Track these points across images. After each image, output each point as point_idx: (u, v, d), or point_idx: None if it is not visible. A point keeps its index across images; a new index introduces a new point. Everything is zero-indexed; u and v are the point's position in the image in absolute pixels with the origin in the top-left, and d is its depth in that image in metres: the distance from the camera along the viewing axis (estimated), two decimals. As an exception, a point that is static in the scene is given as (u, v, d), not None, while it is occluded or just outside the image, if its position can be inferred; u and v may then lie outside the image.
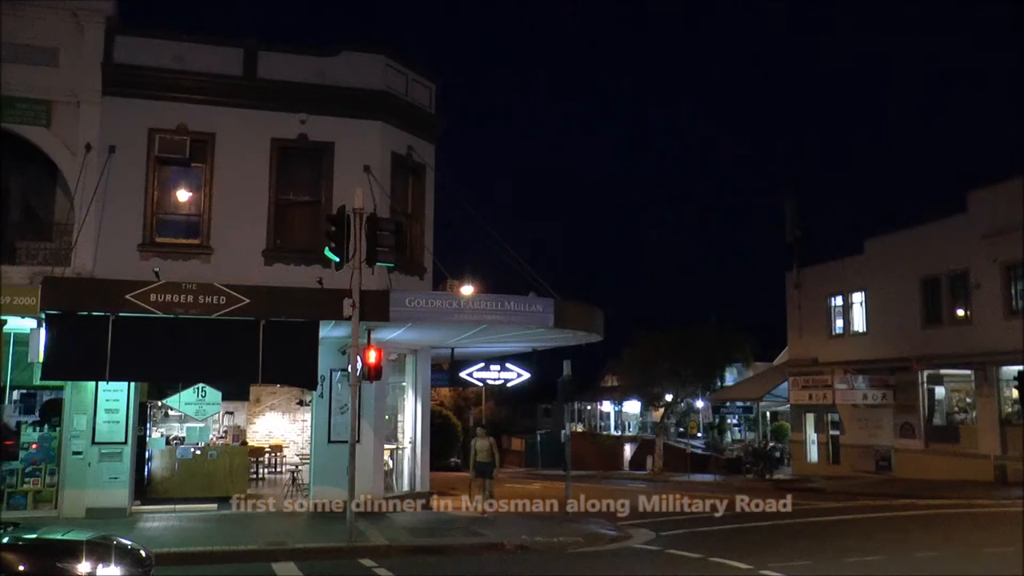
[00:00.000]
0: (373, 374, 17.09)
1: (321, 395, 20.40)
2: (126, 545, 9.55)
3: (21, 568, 8.54)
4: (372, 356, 17.00)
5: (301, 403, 26.03)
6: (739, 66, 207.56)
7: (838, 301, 39.88)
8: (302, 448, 25.55)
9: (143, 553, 9.48)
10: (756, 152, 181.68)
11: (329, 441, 20.26)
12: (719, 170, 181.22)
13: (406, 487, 22.24)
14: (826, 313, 40.41)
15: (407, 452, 22.57)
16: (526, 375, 25.51)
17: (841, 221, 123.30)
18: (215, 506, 20.18)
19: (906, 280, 35.25)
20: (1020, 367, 27.16)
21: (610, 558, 15.96)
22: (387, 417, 21.70)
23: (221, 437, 24.62)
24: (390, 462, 21.95)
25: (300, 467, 23.69)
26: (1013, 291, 31.07)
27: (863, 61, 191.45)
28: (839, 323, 39.97)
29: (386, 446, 21.45)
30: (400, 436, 22.63)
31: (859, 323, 38.78)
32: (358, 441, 17.40)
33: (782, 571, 13.08)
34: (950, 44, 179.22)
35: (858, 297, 38.73)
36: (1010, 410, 30.58)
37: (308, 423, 22.62)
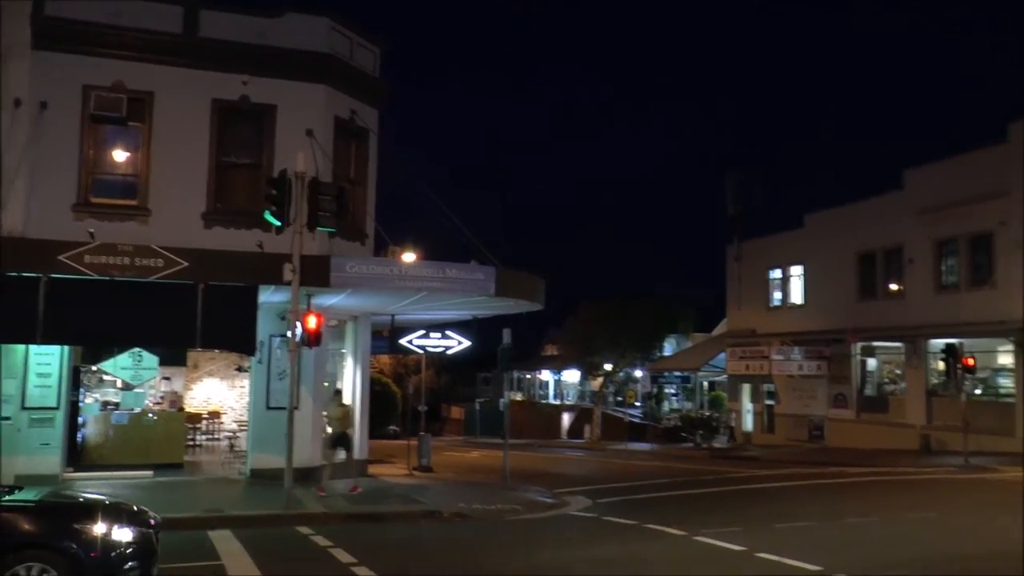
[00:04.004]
0: (313, 340, 16.98)
1: (260, 361, 20.21)
2: (136, 508, 9.67)
3: (39, 529, 8.65)
4: (312, 322, 16.89)
5: (240, 369, 25.78)
6: (686, 39, 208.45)
7: (777, 274, 40.58)
8: (240, 415, 25.34)
9: (151, 515, 9.60)
10: (702, 126, 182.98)
11: (268, 407, 20.12)
12: (664, 142, 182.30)
13: (344, 454, 22.17)
14: (765, 286, 41.10)
15: (347, 419, 22.47)
16: (467, 343, 25.53)
17: (784, 196, 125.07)
18: (151, 473, 19.95)
19: (843, 254, 35.98)
20: (948, 340, 27.99)
21: (547, 525, 16.15)
22: (326, 384, 21.57)
23: (158, 403, 24.28)
24: (329, 429, 21.83)
25: (238, 434, 23.48)
26: (943, 267, 31.95)
27: (808, 37, 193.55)
28: (777, 295, 40.70)
29: (325, 413, 21.33)
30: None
31: (797, 296, 39.54)
32: (297, 408, 17.29)
33: (715, 537, 13.36)
34: (895, 25, 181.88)
35: (797, 270, 39.45)
36: (936, 382, 31.49)
37: (247, 389, 22.41)
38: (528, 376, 67.55)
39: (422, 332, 25.27)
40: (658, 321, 44.91)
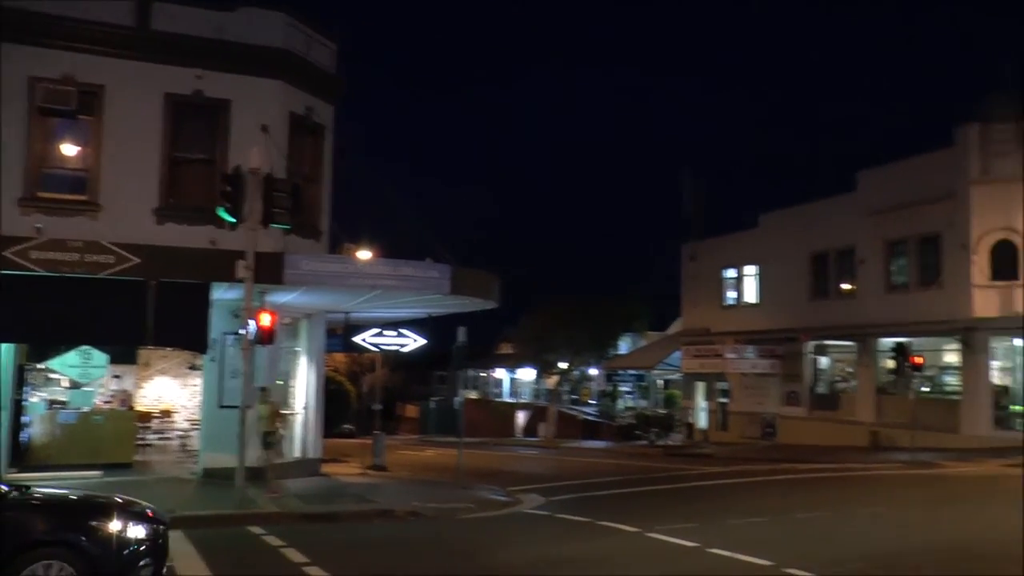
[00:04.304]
0: (266, 338, 16.81)
1: (213, 359, 19.98)
2: (146, 506, 9.82)
3: (55, 526, 8.70)
4: (266, 319, 16.72)
5: (193, 367, 25.44)
6: (647, 36, 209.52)
7: (731, 273, 40.99)
8: (193, 413, 25.02)
9: (159, 514, 9.81)
10: (661, 123, 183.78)
11: (220, 406, 19.88)
12: (623, 140, 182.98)
13: (298, 453, 22.02)
14: (719, 285, 41.48)
15: (300, 418, 22.32)
16: (421, 341, 25.49)
17: (740, 195, 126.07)
18: (100, 473, 19.59)
19: (797, 254, 36.46)
20: (897, 339, 28.53)
21: (500, 523, 16.17)
22: (280, 382, 21.38)
23: (108, 402, 23.86)
24: (282, 428, 21.65)
25: (190, 433, 23.18)
26: (894, 267, 32.55)
27: (762, 38, 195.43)
28: (732, 295, 41.12)
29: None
30: (293, 402, 22.35)
31: (751, 295, 39.98)
32: (250, 406, 17.13)
33: (668, 533, 13.46)
34: (852, 31, 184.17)
35: (751, 270, 39.89)
36: (886, 379, 32.03)
37: (199, 388, 22.14)
38: (483, 374, 67.55)
39: (377, 330, 25.16)
40: (613, 319, 45.10)
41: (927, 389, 30.69)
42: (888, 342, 30.53)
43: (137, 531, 8.87)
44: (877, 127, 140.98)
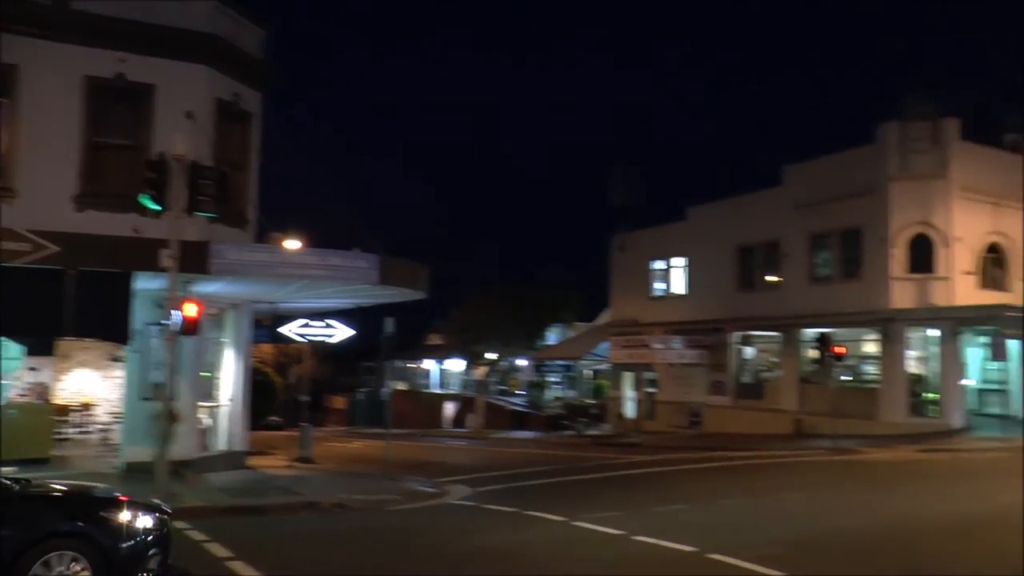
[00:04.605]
0: (191, 329, 16.48)
1: (135, 350, 19.52)
2: (110, 488, 10.20)
3: (67, 517, 8.78)
4: (191, 309, 16.39)
5: (115, 359, 24.86)
6: (582, 29, 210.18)
7: (660, 265, 41.45)
8: (114, 406, 24.45)
9: (164, 505, 10.03)
10: (590, 119, 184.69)
11: (143, 399, 19.44)
12: (552, 133, 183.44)
13: (223, 446, 21.69)
14: (648, 276, 41.93)
15: (225, 410, 21.97)
16: (349, 332, 25.29)
17: (669, 188, 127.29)
18: (15, 469, 18.97)
19: (724, 247, 37.06)
20: (820, 329, 29.25)
21: (427, 514, 16.17)
22: (205, 374, 21.01)
23: (24, 395, 23.18)
24: (208, 420, 21.31)
25: (111, 426, 22.65)
26: (817, 260, 33.34)
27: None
28: (660, 286, 41.61)
29: (203, 404, 20.80)
30: (218, 394, 22.00)
31: (679, 286, 40.51)
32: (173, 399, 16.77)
33: (594, 521, 13.60)
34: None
35: (679, 262, 40.39)
36: (809, 369, 32.79)
37: (121, 380, 21.64)
38: (411, 365, 67.32)
39: (304, 321, 24.90)
40: (542, 311, 45.29)
41: (848, 378, 31.52)
42: (811, 333, 31.29)
43: (145, 521, 9.03)
44: (800, 125, 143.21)
